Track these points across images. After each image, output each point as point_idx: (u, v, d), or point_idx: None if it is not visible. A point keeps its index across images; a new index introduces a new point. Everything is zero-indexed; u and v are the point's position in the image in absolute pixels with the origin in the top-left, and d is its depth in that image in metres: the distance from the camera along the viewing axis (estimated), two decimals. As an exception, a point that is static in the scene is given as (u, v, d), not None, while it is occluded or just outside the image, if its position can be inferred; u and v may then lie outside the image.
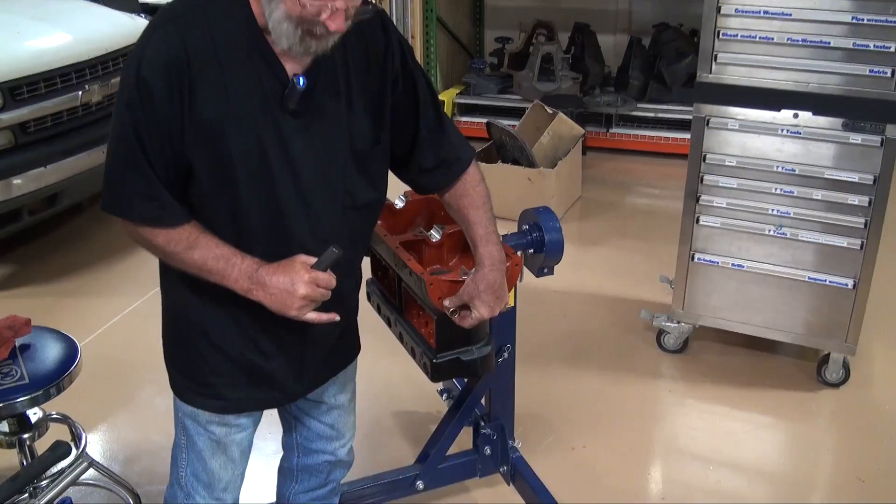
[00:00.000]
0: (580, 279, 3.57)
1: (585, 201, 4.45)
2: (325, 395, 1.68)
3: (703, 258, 2.85)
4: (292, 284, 1.31)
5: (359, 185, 1.43)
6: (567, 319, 3.29)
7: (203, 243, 1.32)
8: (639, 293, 3.41)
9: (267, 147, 1.31)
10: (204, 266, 1.32)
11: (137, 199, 1.30)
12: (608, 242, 3.98)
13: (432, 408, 2.69)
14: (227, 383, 1.49)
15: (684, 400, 2.81)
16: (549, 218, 1.96)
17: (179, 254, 1.32)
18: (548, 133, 4.21)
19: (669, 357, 3.01)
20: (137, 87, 1.24)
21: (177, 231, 1.32)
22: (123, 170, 1.29)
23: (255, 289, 1.32)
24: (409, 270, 1.68)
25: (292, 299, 1.32)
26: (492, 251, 1.56)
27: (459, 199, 1.56)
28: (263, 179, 1.33)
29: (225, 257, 1.32)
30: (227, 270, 1.31)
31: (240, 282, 1.32)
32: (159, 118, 1.26)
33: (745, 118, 2.65)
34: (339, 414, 1.73)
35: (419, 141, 1.49)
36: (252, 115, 1.30)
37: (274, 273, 1.32)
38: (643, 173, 4.91)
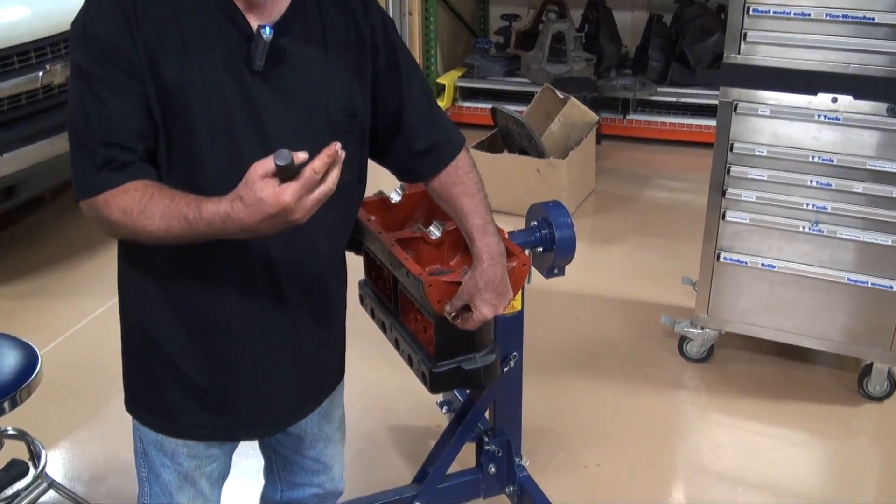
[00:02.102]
0: (594, 281, 3.56)
1: (600, 195, 4.44)
2: (307, 426, 1.64)
3: (730, 258, 2.84)
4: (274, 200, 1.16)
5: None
6: (579, 325, 3.29)
7: (161, 195, 1.25)
8: (659, 296, 3.40)
9: (233, 112, 1.29)
10: (171, 220, 1.23)
11: (93, 171, 1.26)
12: (625, 240, 3.97)
13: (431, 421, 2.69)
14: (190, 407, 1.45)
15: (709, 413, 2.81)
16: (560, 213, 1.96)
17: (139, 220, 1.24)
18: (558, 120, 4.21)
19: (692, 366, 3.01)
20: (87, 45, 1.23)
21: (128, 192, 1.24)
22: (80, 149, 1.26)
23: (234, 210, 1.18)
24: (406, 271, 1.68)
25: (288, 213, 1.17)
26: (490, 243, 1.54)
27: (451, 187, 1.54)
28: (230, 150, 1.30)
29: (193, 199, 1.23)
30: (198, 211, 1.21)
31: (217, 213, 1.20)
32: (117, 73, 1.24)
33: (778, 103, 2.65)
34: (325, 446, 1.69)
35: (406, 121, 1.47)
36: (214, 74, 1.28)
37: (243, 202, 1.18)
38: (663, 164, 4.90)
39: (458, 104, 5.33)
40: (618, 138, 5.04)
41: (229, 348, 1.42)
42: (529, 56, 5.15)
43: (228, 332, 1.41)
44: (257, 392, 1.47)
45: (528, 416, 2.23)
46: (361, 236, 1.88)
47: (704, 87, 4.92)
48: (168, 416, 1.47)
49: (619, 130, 5.05)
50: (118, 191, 1.25)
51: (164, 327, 1.41)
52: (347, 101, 1.38)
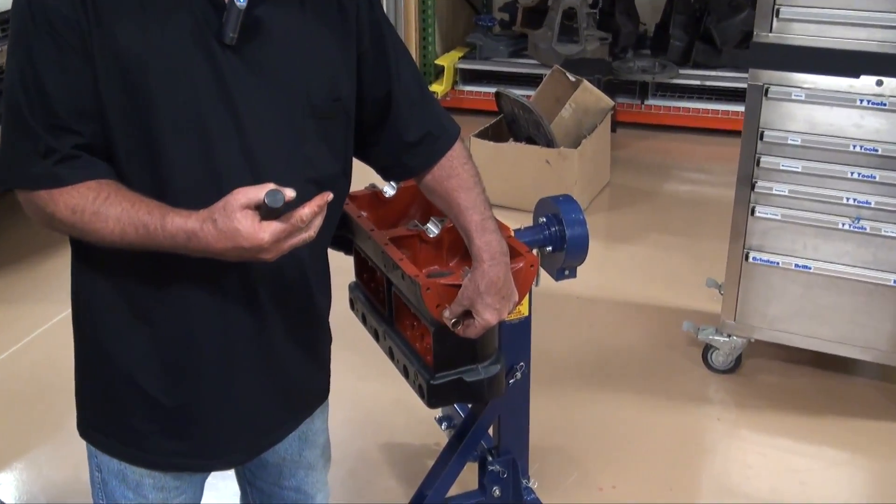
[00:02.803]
0: (609, 283, 3.56)
1: (615, 188, 4.43)
2: (286, 452, 1.61)
3: (760, 258, 2.83)
4: (252, 235, 1.19)
5: (320, 151, 1.37)
6: (593, 332, 3.29)
7: (119, 197, 1.23)
8: (681, 300, 3.40)
9: (202, 93, 1.25)
10: (127, 226, 1.22)
11: (34, 158, 1.22)
12: (643, 239, 3.97)
13: (429, 439, 2.68)
14: (154, 431, 1.42)
15: (737, 430, 2.80)
16: (572, 208, 1.95)
17: (90, 222, 1.23)
18: (570, 105, 4.21)
19: (718, 378, 3.01)
20: (31, 12, 1.19)
21: (79, 190, 1.22)
22: (18, 126, 1.23)
23: (203, 233, 1.19)
24: (402, 272, 1.67)
25: (258, 250, 1.21)
26: (490, 241, 1.53)
27: (446, 181, 1.52)
28: (198, 135, 1.26)
29: (157, 207, 1.23)
30: (160, 221, 1.21)
31: (183, 229, 1.20)
32: (63, 47, 1.20)
33: (814, 86, 2.64)
34: (307, 474, 1.66)
35: (395, 109, 1.46)
36: (180, 47, 1.23)
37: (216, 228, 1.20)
38: (686, 154, 4.90)
39: (459, 88, 5.33)
40: (635, 126, 5.03)
41: (197, 361, 1.39)
42: (537, 35, 5.14)
43: (195, 343, 1.38)
44: (229, 411, 1.44)
45: (536, 433, 2.22)
46: (352, 234, 1.87)
47: (732, 69, 4.92)
48: (133, 442, 1.44)
49: (637, 117, 5.04)
50: (68, 188, 1.23)
51: (122, 338, 1.38)
52: (332, 82, 1.36)
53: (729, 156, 3.72)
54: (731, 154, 3.04)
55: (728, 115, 4.89)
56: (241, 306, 1.38)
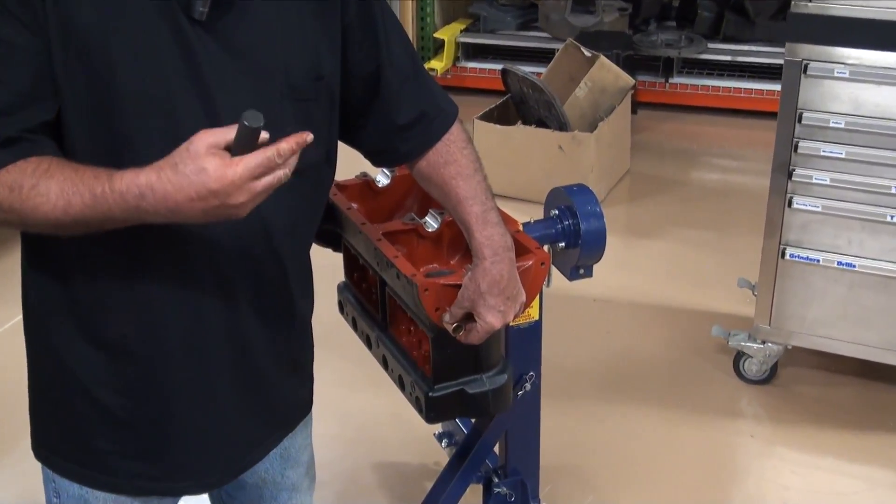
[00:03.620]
0: (629, 283, 3.56)
1: (636, 177, 4.43)
2: (266, 472, 1.60)
3: (798, 255, 2.83)
4: (220, 191, 1.16)
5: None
6: (611, 338, 3.29)
7: (60, 167, 1.21)
8: (709, 302, 3.40)
9: (169, 73, 1.24)
10: (72, 196, 1.19)
11: None
12: (667, 233, 3.97)
13: (428, 458, 2.69)
14: (116, 452, 1.42)
15: (773, 448, 2.80)
16: (587, 200, 1.95)
17: (28, 198, 1.20)
18: (585, 84, 4.21)
19: (752, 389, 3.01)
20: None
21: (17, 166, 1.20)
22: None
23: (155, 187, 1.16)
24: (397, 272, 1.67)
25: (227, 207, 1.18)
26: (491, 235, 1.52)
27: (442, 168, 1.52)
28: (165, 118, 1.25)
29: (104, 171, 1.20)
30: (108, 183, 1.18)
31: (135, 183, 1.17)
32: (10, 21, 1.19)
33: (859, 62, 2.64)
34: (290, 496, 1.66)
35: (385, 88, 1.45)
36: (145, 22, 1.22)
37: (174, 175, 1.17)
38: (715, 139, 4.89)
39: (461, 64, 5.33)
40: (658, 107, 5.03)
41: (164, 372, 1.38)
42: (549, 4, 5.14)
43: (161, 351, 1.37)
44: (202, 427, 1.44)
45: (547, 451, 2.23)
46: (340, 229, 1.87)
47: (766, 43, 4.91)
48: (95, 464, 1.43)
49: (661, 97, 5.04)
50: (6, 168, 1.21)
51: (78, 347, 1.37)
52: (313, 60, 1.36)
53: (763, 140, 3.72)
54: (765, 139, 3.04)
55: (762, 94, 4.89)
56: (213, 309, 1.37)
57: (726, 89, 4.98)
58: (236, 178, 1.14)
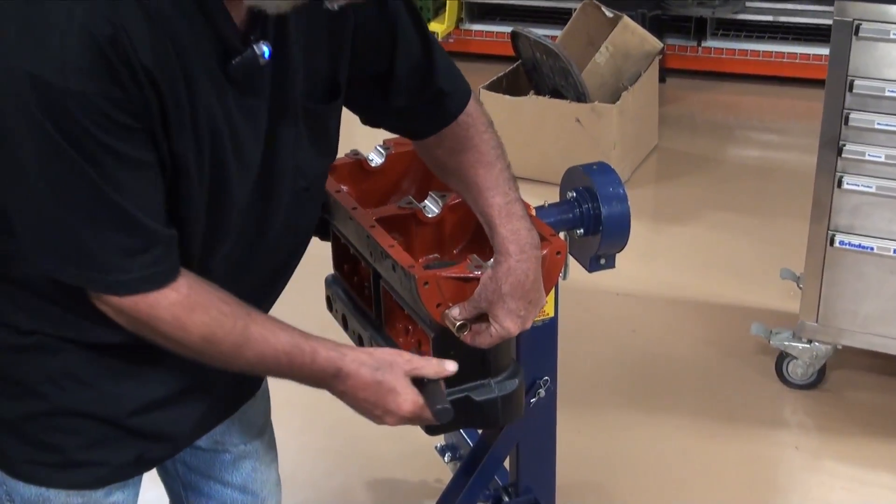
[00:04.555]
0: (656, 275, 3.56)
1: (664, 154, 4.43)
2: (222, 435, 1.70)
3: (849, 242, 2.83)
4: (396, 401, 1.50)
5: (309, 155, 1.46)
6: (636, 338, 3.29)
7: (255, 317, 1.40)
8: (748, 296, 3.40)
9: (220, 131, 1.33)
10: (267, 365, 1.44)
11: (122, 258, 1.29)
12: (699, 218, 3.96)
13: (428, 474, 2.70)
14: (81, 445, 1.47)
15: (820, 461, 2.81)
16: (609, 180, 1.95)
17: (231, 357, 1.39)
18: (606, 49, 4.20)
19: (796, 395, 3.01)
20: (70, 109, 1.18)
21: (195, 306, 1.35)
22: (86, 229, 1.27)
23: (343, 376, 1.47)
24: (393, 263, 1.67)
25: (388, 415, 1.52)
26: (517, 229, 1.56)
27: (460, 155, 1.56)
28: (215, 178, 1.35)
29: (297, 333, 1.44)
30: (307, 358, 1.43)
31: (329, 367, 1.45)
32: (130, 142, 1.24)
33: (918, 22, 2.64)
34: (255, 467, 1.74)
35: (396, 80, 1.51)
36: (213, 97, 1.30)
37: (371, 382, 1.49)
38: (754, 110, 4.89)
39: (465, 27, 5.32)
40: (690, 74, 5.03)
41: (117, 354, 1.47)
42: (565, -42, 5.13)
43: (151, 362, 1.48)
44: (183, 417, 1.54)
45: (563, 466, 2.23)
46: (328, 215, 1.87)
47: (812, 1, 4.91)
48: (55, 461, 1.48)
49: (692, 63, 5.04)
50: (169, 294, 1.32)
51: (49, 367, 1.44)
52: (331, 81, 1.45)
53: (809, 112, 3.71)
54: (811, 109, 3.03)
55: (808, 59, 4.88)
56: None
57: (767, 54, 4.98)
58: (406, 412, 1.49)
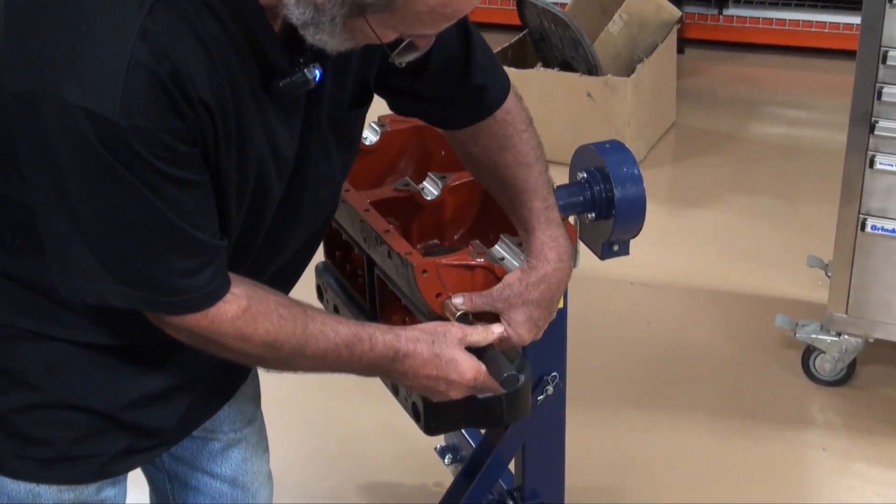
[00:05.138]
0: (673, 263, 3.56)
1: (682, 131, 4.42)
2: (215, 423, 1.73)
3: (882, 226, 2.83)
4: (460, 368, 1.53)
5: (335, 163, 1.51)
6: (651, 331, 3.29)
7: (308, 313, 1.44)
8: (772, 285, 3.40)
9: (264, 155, 1.38)
10: (328, 362, 1.46)
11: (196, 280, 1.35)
12: (719, 201, 3.96)
13: (427, 476, 2.70)
14: (74, 438, 1.50)
15: (850, 463, 2.81)
16: (623, 160, 1.94)
17: (291, 360, 1.44)
18: (620, 17, 4.19)
19: (824, 392, 3.02)
20: (137, 146, 1.23)
21: (254, 314, 1.39)
22: (151, 256, 1.32)
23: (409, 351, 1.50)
24: (388, 249, 1.67)
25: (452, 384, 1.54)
26: (556, 236, 1.61)
27: (498, 154, 1.60)
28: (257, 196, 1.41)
29: (352, 322, 1.48)
30: (366, 346, 1.47)
31: (388, 351, 1.48)
32: (193, 171, 1.30)
33: (958, -12, 2.63)
34: (244, 457, 1.78)
35: (429, 68, 1.53)
36: (257, 117, 1.35)
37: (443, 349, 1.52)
38: (779, 83, 4.88)
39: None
40: (711, 44, 5.03)
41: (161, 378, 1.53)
42: (575, -81, 5.12)
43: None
44: (184, 411, 1.58)
45: (573, 469, 2.23)
46: (319, 196, 1.87)
47: (843, -34, 4.91)
48: (43, 457, 1.50)
49: (713, 33, 5.04)
50: (230, 307, 1.37)
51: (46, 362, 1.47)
52: (358, 91, 1.48)
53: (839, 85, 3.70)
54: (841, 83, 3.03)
55: (838, 28, 4.88)
56: None
57: (794, 22, 4.97)
58: (470, 381, 1.52)
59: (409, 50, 1.31)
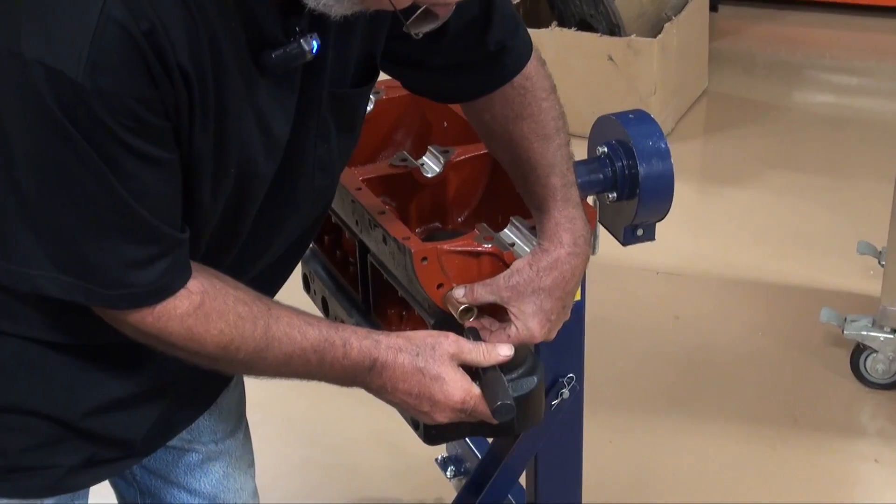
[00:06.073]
0: (704, 250, 3.57)
1: (715, 100, 4.43)
2: (193, 432, 1.73)
3: (943, 208, 2.84)
4: (448, 391, 1.51)
5: (335, 148, 1.51)
6: (680, 326, 3.30)
7: (275, 313, 1.43)
8: (817, 275, 3.41)
9: (249, 133, 1.37)
10: (293, 367, 1.46)
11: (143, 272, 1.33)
12: (757, 178, 3.97)
13: (427, 491, 2.71)
14: (28, 447, 1.50)
15: (904, 477, 2.82)
16: (648, 132, 1.94)
17: (251, 363, 1.43)
18: (645, -31, 4.20)
19: (876, 397, 3.02)
20: (98, 110, 1.21)
21: (210, 313, 1.38)
22: (104, 240, 1.31)
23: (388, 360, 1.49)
24: (384, 233, 1.68)
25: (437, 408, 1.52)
26: (573, 217, 1.61)
27: (513, 123, 1.60)
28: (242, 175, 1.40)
29: (325, 323, 1.47)
30: (339, 353, 1.46)
31: (365, 360, 1.47)
32: (158, 142, 1.28)
33: None
34: (225, 471, 1.78)
35: (446, 34, 1.52)
36: (244, 89, 1.34)
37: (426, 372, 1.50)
38: (826, 45, 4.87)
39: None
40: (748, 1, 5.03)
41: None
42: None
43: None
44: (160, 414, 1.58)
45: (592, 483, 2.24)
46: (305, 174, 1.88)
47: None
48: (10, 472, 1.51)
49: (751, -12, 5.05)
50: (180, 303, 1.36)
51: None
52: (364, 67, 1.49)
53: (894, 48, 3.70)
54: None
55: (893, -17, 4.87)
56: None
57: (842, -23, 4.97)
58: (457, 403, 1.49)
59: (425, 18, 1.29)
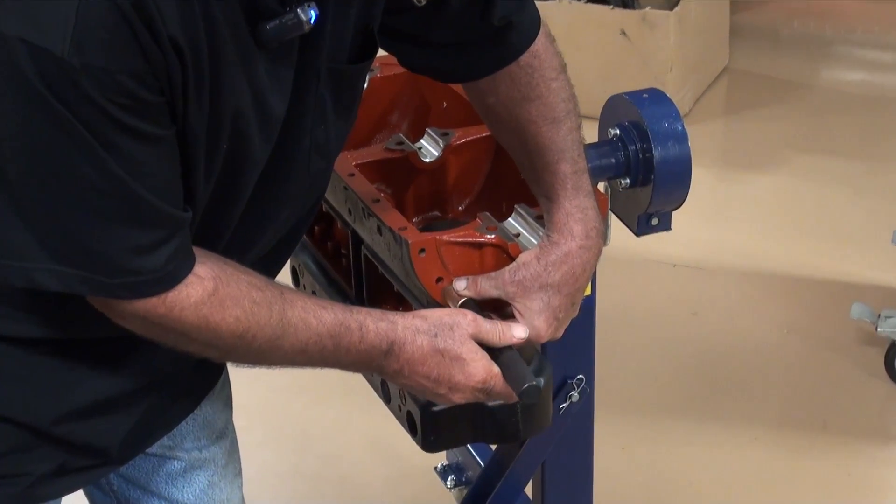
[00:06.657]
0: (724, 240, 3.58)
1: (737, 78, 4.44)
2: (175, 438, 1.74)
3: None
4: (467, 369, 1.52)
5: (333, 128, 1.52)
6: (698, 323, 3.30)
7: (289, 299, 1.44)
8: (848, 268, 3.42)
9: (244, 109, 1.38)
10: (309, 354, 1.47)
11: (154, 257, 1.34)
12: (782, 163, 3.97)
13: (425, 501, 2.72)
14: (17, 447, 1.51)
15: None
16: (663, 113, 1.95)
17: (265, 352, 1.45)
18: (660, -64, 4.19)
19: (912, 399, 3.03)
20: (87, 87, 1.22)
21: (224, 300, 1.39)
22: (101, 227, 1.31)
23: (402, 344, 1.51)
24: (378, 223, 1.68)
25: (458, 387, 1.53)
26: (585, 207, 1.62)
27: (519, 106, 1.61)
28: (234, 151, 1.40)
29: (339, 307, 1.49)
30: (355, 337, 1.48)
31: (381, 342, 1.49)
32: (155, 119, 1.29)
33: None
34: (210, 480, 1.80)
35: (447, 7, 1.54)
36: (238, 65, 1.35)
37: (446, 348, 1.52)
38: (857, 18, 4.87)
39: None
40: (771, -28, 5.03)
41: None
42: None
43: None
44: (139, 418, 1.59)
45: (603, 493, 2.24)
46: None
47: None
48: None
49: (775, -43, 5.04)
50: (192, 291, 1.36)
51: None
52: (362, 41, 1.50)
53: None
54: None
55: (929, -48, 4.87)
56: None
57: (874, -55, 4.97)
58: (478, 384, 1.51)
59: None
